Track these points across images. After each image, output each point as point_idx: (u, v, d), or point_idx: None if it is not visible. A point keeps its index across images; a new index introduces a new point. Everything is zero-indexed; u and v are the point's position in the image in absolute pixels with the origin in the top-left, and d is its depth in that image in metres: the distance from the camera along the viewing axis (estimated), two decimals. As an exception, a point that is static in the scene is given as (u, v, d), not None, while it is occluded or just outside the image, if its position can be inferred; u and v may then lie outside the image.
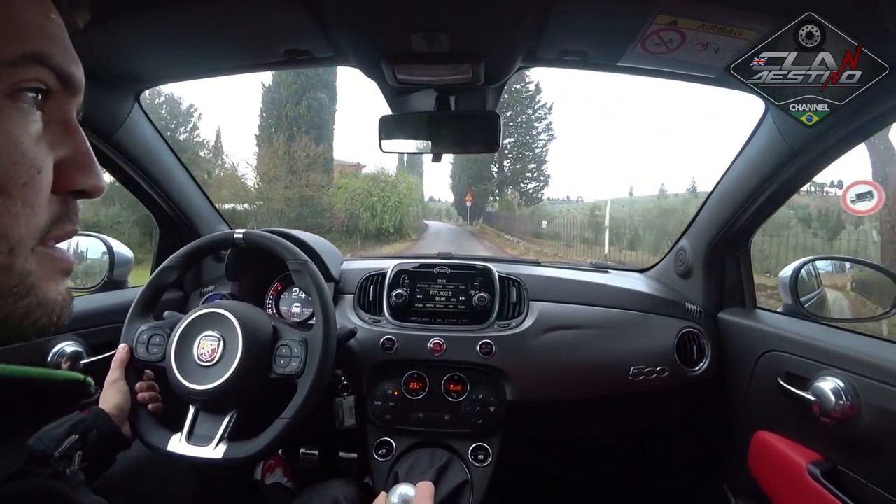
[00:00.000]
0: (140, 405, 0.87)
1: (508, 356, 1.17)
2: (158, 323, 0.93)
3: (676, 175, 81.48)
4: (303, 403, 0.84)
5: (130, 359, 0.88)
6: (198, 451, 0.82)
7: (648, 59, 0.86)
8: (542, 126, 27.59)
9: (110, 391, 0.84)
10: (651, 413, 1.28)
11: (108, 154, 1.11)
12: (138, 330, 0.91)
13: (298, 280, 0.95)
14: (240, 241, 0.97)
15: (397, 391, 1.17)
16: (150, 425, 0.86)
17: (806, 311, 1.09)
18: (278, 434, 0.83)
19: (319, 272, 0.95)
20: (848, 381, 0.85)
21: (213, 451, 0.81)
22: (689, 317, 1.27)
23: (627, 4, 0.73)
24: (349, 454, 1.27)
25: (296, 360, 0.87)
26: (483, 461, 1.12)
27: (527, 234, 19.29)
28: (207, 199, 1.44)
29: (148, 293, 0.97)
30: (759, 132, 1.01)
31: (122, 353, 0.88)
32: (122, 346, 0.89)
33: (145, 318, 0.94)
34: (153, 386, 0.92)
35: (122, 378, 0.86)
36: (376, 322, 1.23)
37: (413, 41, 0.79)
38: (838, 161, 0.95)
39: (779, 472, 0.99)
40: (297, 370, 0.86)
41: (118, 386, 0.85)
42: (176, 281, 1.00)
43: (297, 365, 0.86)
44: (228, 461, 0.81)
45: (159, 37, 0.87)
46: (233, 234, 0.98)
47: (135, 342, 0.90)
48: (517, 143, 27.51)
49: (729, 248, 1.25)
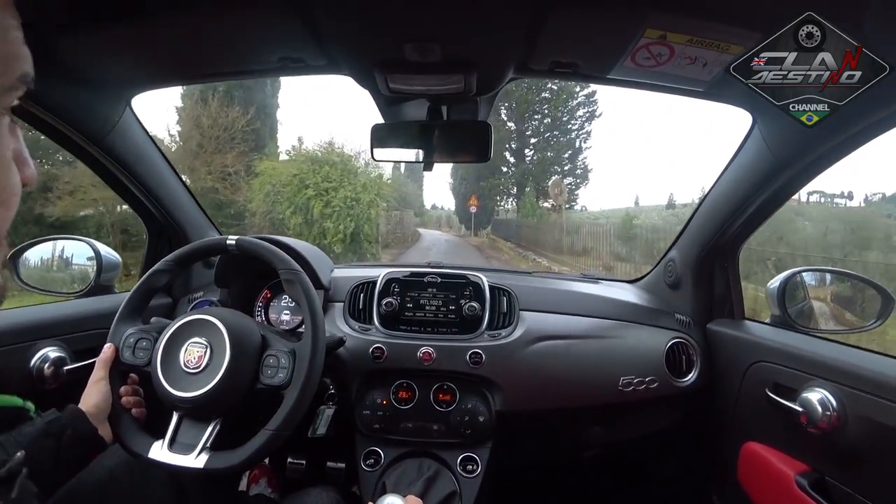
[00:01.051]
0: (123, 410, 0.85)
1: (498, 366, 1.17)
2: (146, 326, 0.92)
3: (685, 184, 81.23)
4: (288, 415, 0.82)
5: (115, 360, 0.87)
6: (179, 459, 0.80)
7: (638, 72, 0.88)
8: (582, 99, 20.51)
9: (92, 390, 0.83)
10: (640, 423, 1.28)
11: (98, 157, 1.10)
12: (125, 332, 0.90)
13: (290, 290, 0.94)
14: (232, 247, 0.96)
15: (386, 400, 1.16)
16: (133, 431, 0.84)
17: (794, 321, 1.10)
18: (262, 445, 0.82)
19: (311, 282, 0.94)
20: (835, 391, 0.86)
21: (195, 460, 0.80)
22: (678, 327, 1.27)
23: (617, 18, 0.74)
24: (337, 464, 1.26)
25: (283, 371, 0.85)
26: (472, 472, 1.11)
27: (559, 249, 14.97)
28: (198, 205, 1.43)
29: (138, 295, 0.96)
30: (746, 145, 1.03)
31: (108, 353, 0.87)
32: (108, 346, 0.88)
33: (133, 321, 0.93)
34: (137, 391, 0.91)
35: (106, 378, 0.85)
36: (366, 330, 1.23)
37: (406, 50, 0.80)
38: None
39: (767, 483, 1.00)
40: (284, 381, 0.85)
41: (100, 386, 0.84)
42: (166, 284, 0.99)
43: (284, 376, 0.85)
44: (210, 471, 0.80)
45: (153, 42, 0.87)
46: (225, 241, 0.97)
47: (121, 344, 0.88)
48: (552, 122, 20.85)
49: (718, 259, 1.26)
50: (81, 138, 1.04)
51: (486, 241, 21.77)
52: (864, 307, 1.14)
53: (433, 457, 1.14)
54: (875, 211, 16.63)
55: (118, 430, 0.83)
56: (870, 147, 0.85)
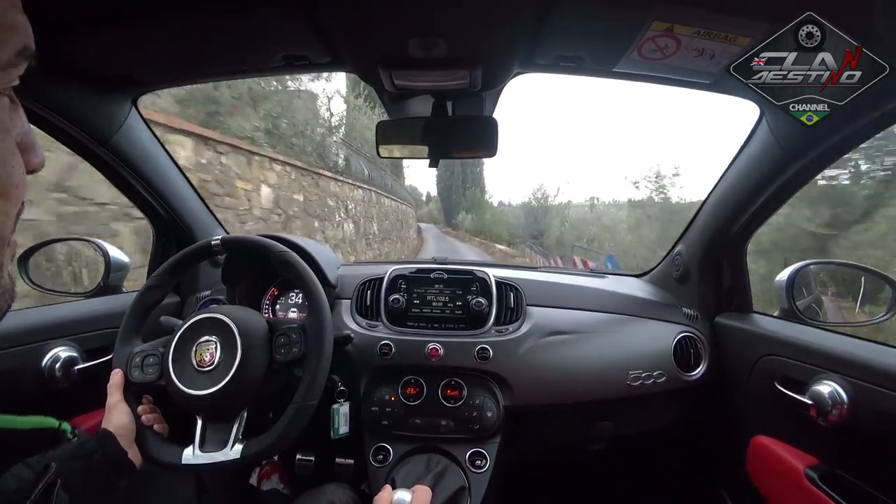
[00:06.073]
0: (145, 427, 0.84)
1: (506, 361, 1.17)
2: (150, 344, 0.91)
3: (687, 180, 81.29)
4: (311, 385, 0.84)
5: (127, 382, 0.86)
6: (215, 456, 0.80)
7: (644, 65, 0.87)
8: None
9: (114, 412, 0.81)
10: (648, 418, 1.28)
11: (105, 158, 1.11)
12: (130, 353, 0.89)
13: (284, 270, 0.94)
14: (217, 247, 0.97)
15: (394, 397, 1.17)
16: (159, 445, 0.83)
17: (802, 314, 1.10)
18: (292, 419, 0.82)
19: (303, 261, 0.94)
20: (844, 384, 0.85)
21: (231, 452, 0.80)
22: (686, 321, 1.27)
23: (623, 11, 0.73)
24: (346, 460, 1.27)
25: (297, 346, 0.87)
26: (480, 467, 1.11)
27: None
28: (204, 204, 1.43)
29: (134, 315, 0.94)
30: (753, 137, 1.02)
31: (117, 378, 0.85)
32: (116, 372, 0.86)
33: (134, 341, 0.92)
34: (154, 408, 0.89)
35: (123, 400, 0.83)
36: (373, 327, 1.23)
37: (410, 47, 0.79)
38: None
39: (776, 477, 0.99)
40: (299, 355, 0.86)
41: (120, 407, 0.82)
42: (161, 298, 0.98)
43: (297, 350, 0.87)
44: (248, 457, 0.80)
45: (157, 41, 0.87)
46: (209, 242, 0.97)
47: (128, 366, 0.87)
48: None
49: (725, 253, 1.25)
50: (87, 139, 1.04)
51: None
52: (873, 300, 1.13)
53: (442, 452, 1.14)
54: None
55: (145, 447, 0.82)
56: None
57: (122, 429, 0.79)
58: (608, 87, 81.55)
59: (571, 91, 68.08)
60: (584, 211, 28.83)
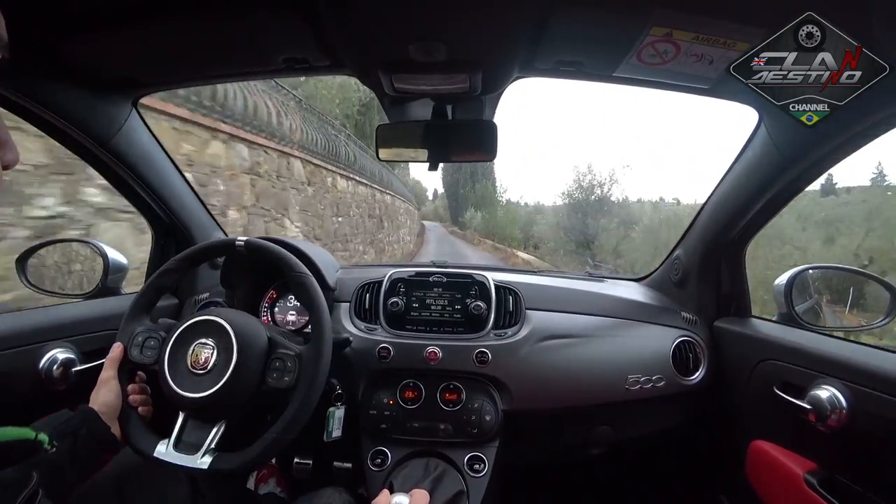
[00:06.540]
0: (130, 407, 0.86)
1: (504, 365, 1.16)
2: (155, 325, 0.93)
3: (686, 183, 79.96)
4: (291, 420, 0.83)
5: (124, 359, 0.87)
6: (184, 459, 0.81)
7: (644, 70, 0.87)
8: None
9: (102, 389, 0.83)
10: (647, 422, 1.28)
11: (104, 159, 1.11)
12: (134, 330, 0.90)
13: (298, 293, 0.94)
14: (241, 248, 0.97)
15: (392, 400, 1.16)
16: (139, 429, 0.85)
17: (801, 319, 1.10)
18: (264, 449, 0.82)
19: (319, 287, 0.94)
20: (843, 389, 0.85)
21: (199, 460, 0.80)
22: (684, 325, 1.27)
23: (623, 16, 0.74)
24: (344, 464, 1.26)
25: (289, 374, 0.86)
26: (479, 471, 1.11)
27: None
28: (204, 207, 1.43)
29: (147, 294, 0.96)
30: (752, 142, 1.03)
31: (116, 352, 0.87)
32: (117, 345, 0.88)
33: (142, 320, 0.94)
34: (145, 389, 0.91)
35: (115, 377, 0.85)
36: (372, 330, 1.23)
37: (410, 50, 0.80)
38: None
39: (776, 482, 0.99)
40: (290, 384, 0.85)
41: (110, 385, 0.84)
42: (175, 283, 1.00)
43: (289, 379, 0.85)
44: (214, 472, 0.80)
45: (158, 43, 0.88)
46: (234, 241, 0.97)
47: (130, 342, 0.89)
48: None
49: (724, 257, 1.25)
50: (87, 140, 1.04)
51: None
52: (872, 305, 1.13)
53: (440, 456, 1.14)
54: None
55: (125, 427, 0.84)
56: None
57: (105, 406, 0.81)
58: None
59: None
60: (649, 209, 22.14)
